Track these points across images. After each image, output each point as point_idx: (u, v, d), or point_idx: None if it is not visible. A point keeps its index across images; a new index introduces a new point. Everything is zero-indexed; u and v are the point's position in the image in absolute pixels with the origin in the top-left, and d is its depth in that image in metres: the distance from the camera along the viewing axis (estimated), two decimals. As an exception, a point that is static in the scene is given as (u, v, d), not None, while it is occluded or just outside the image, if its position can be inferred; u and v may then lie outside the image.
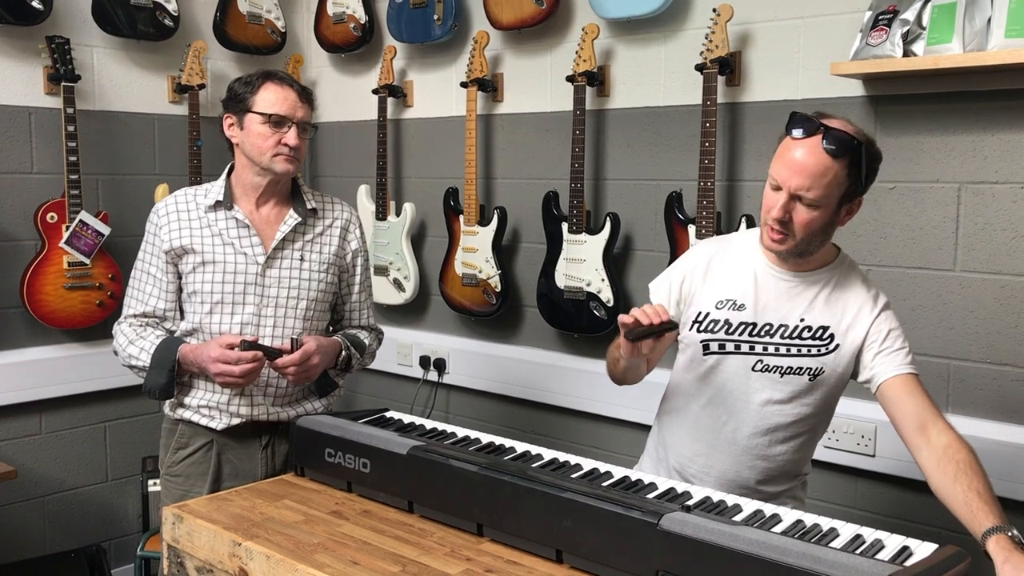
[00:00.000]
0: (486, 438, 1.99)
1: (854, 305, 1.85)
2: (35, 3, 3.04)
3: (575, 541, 1.54)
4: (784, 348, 1.86)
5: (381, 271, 3.49)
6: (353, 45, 3.60)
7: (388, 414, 2.16)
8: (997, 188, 2.30)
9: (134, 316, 2.25)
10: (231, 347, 2.06)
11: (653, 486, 1.71)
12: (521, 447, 1.93)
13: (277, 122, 2.15)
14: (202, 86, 3.42)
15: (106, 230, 3.19)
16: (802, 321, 1.85)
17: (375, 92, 3.51)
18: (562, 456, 1.87)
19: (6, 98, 3.12)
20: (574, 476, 1.75)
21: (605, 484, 1.72)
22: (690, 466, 1.97)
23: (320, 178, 3.93)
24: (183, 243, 2.19)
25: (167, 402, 2.27)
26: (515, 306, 3.27)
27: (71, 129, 3.08)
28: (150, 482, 3.36)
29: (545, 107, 3.15)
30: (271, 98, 2.15)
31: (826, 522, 1.55)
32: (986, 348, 2.34)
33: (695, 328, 1.93)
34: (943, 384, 2.39)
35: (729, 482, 1.91)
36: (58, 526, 3.36)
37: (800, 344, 1.85)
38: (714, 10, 2.57)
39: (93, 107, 3.32)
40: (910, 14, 2.25)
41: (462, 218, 3.24)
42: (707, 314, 1.92)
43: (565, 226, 2.95)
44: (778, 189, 1.76)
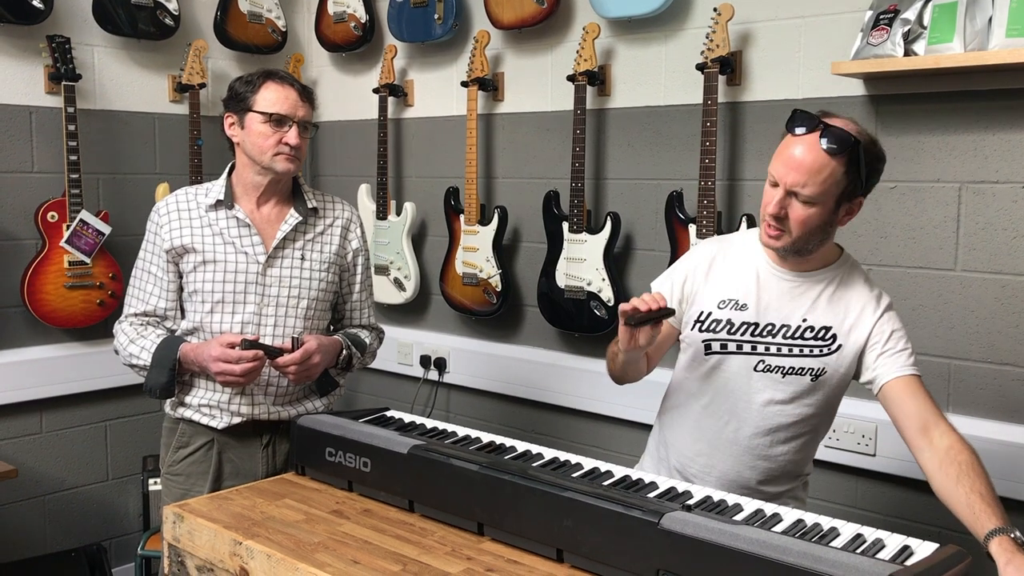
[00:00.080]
0: (487, 437, 1.99)
1: (857, 305, 1.84)
2: (36, 2, 3.04)
3: (576, 540, 1.54)
4: (786, 348, 1.85)
5: (382, 270, 3.49)
6: (354, 44, 3.60)
7: (389, 413, 2.16)
8: (998, 188, 2.29)
9: (135, 315, 2.25)
10: (232, 346, 2.06)
11: (654, 485, 1.71)
12: (522, 446, 1.93)
13: (278, 121, 2.15)
14: (203, 85, 3.42)
15: (107, 229, 3.19)
16: (804, 321, 1.85)
17: (376, 91, 3.50)
18: (563, 455, 1.86)
19: (7, 97, 3.12)
20: (575, 475, 1.75)
21: (606, 483, 1.72)
22: (691, 466, 1.97)
23: (321, 177, 3.93)
24: (184, 242, 2.19)
25: (168, 401, 2.27)
26: (516, 305, 3.27)
27: (72, 128, 3.08)
28: (151, 481, 3.35)
29: (546, 106, 3.15)
30: (272, 97, 2.15)
31: (827, 521, 1.54)
32: (987, 348, 2.34)
33: (697, 328, 1.93)
34: (944, 384, 2.39)
35: (730, 482, 1.91)
36: (59, 525, 3.36)
37: (802, 344, 1.85)
38: (715, 9, 2.57)
39: (94, 106, 3.32)
40: (911, 13, 2.25)
41: (463, 217, 3.24)
42: (709, 314, 1.91)
43: (566, 225, 2.95)
44: (776, 185, 1.76)
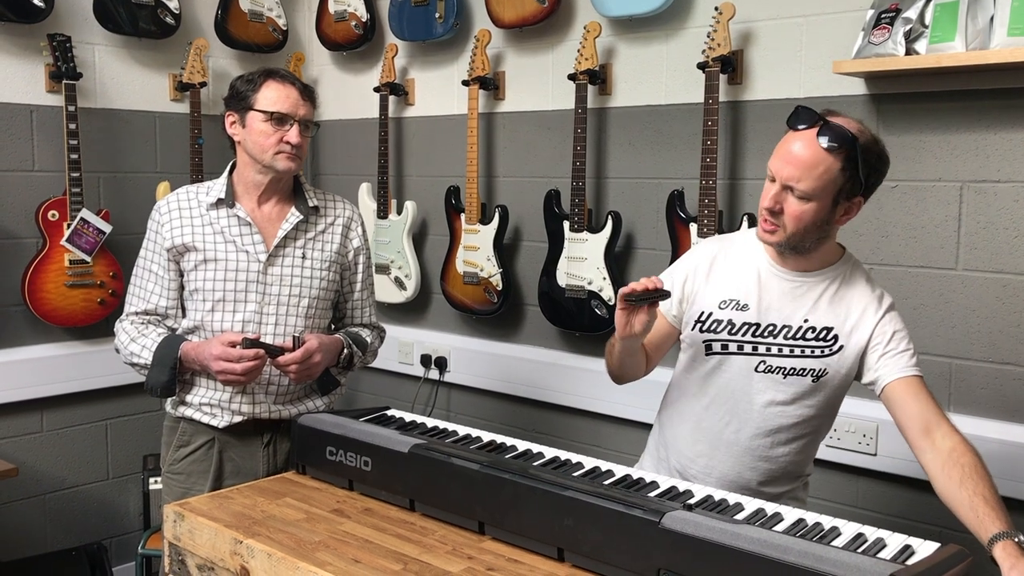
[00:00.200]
0: (487, 436, 1.99)
1: (858, 306, 1.84)
2: (37, 1, 3.04)
3: (576, 539, 1.54)
4: (787, 349, 1.85)
5: (382, 269, 3.49)
6: (355, 43, 3.60)
7: (389, 412, 2.16)
8: (999, 187, 2.29)
9: (136, 314, 2.25)
10: (233, 345, 2.06)
11: (655, 484, 1.71)
12: (522, 445, 1.93)
13: (279, 120, 2.15)
14: (203, 84, 3.42)
15: (107, 228, 3.19)
16: (806, 322, 1.84)
17: (376, 90, 3.50)
18: (563, 454, 1.86)
19: (7, 96, 3.12)
20: (575, 474, 1.75)
21: (606, 482, 1.72)
22: (691, 467, 1.97)
23: (321, 176, 3.93)
24: (184, 241, 2.19)
25: (168, 400, 2.27)
26: (516, 304, 3.27)
27: (72, 127, 3.08)
28: (151, 480, 3.36)
29: (547, 105, 3.15)
30: (273, 96, 2.15)
31: (828, 521, 1.54)
32: (988, 347, 2.33)
33: (697, 328, 1.92)
34: (945, 383, 2.39)
35: (731, 483, 1.90)
36: (59, 524, 3.36)
37: (803, 345, 1.84)
38: (716, 8, 2.57)
39: (94, 105, 3.32)
40: (912, 12, 2.25)
41: (463, 216, 3.24)
42: (710, 314, 1.91)
43: (567, 224, 2.95)
44: (773, 180, 1.76)
